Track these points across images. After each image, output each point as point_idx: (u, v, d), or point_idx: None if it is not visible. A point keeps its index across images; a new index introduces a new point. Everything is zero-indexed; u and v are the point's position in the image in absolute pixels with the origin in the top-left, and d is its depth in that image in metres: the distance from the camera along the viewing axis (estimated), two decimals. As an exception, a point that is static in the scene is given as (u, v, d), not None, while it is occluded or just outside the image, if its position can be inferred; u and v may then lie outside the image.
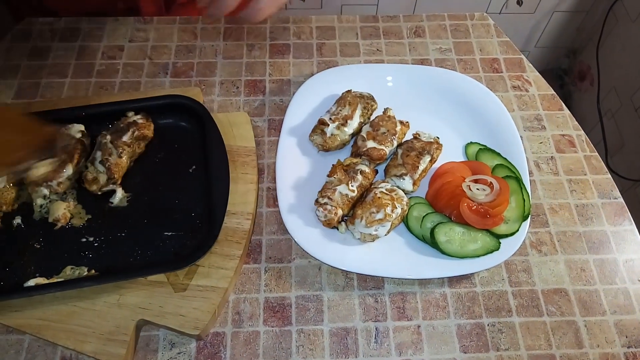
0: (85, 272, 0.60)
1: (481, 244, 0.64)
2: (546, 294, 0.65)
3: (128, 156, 0.67)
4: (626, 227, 0.70)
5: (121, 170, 0.66)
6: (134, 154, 0.68)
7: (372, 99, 0.76)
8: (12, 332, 0.60)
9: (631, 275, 0.66)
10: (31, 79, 0.81)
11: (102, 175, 0.65)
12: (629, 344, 0.61)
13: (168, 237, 0.63)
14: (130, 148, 0.66)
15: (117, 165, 0.65)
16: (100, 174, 0.65)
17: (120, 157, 0.65)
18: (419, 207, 0.67)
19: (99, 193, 0.65)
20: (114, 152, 0.65)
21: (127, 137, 0.66)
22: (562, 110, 0.81)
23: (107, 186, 0.65)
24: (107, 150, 0.65)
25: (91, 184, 0.65)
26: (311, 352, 0.60)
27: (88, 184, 0.65)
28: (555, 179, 0.74)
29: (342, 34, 0.89)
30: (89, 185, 0.65)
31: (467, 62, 0.86)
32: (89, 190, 0.66)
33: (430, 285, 0.65)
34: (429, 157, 0.70)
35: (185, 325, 0.58)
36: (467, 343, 0.61)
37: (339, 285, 0.65)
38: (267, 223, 0.69)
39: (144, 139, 0.69)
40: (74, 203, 0.65)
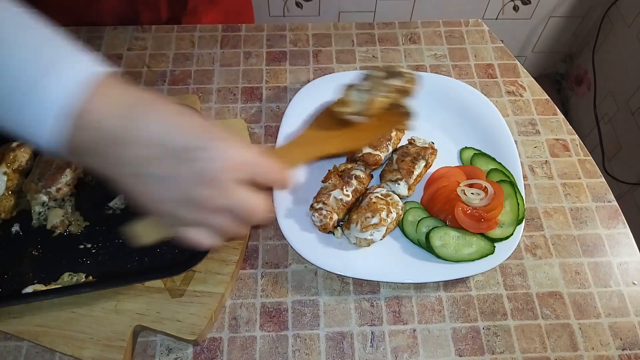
0: (83, 279, 0.61)
1: (476, 248, 0.64)
2: (541, 297, 0.65)
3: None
4: (620, 230, 0.71)
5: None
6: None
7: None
8: (10, 339, 0.61)
9: (625, 278, 0.67)
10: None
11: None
12: (623, 347, 0.62)
13: (165, 243, 0.64)
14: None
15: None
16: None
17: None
18: (414, 212, 0.68)
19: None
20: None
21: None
22: (556, 115, 0.82)
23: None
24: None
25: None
26: (307, 356, 0.60)
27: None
28: (550, 182, 0.75)
29: (338, 41, 0.90)
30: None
31: (461, 68, 0.87)
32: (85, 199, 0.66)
33: (426, 289, 0.65)
34: (424, 162, 0.71)
35: (182, 330, 0.58)
36: (462, 346, 0.61)
37: (335, 289, 0.65)
38: (264, 229, 0.70)
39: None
40: (72, 210, 0.66)
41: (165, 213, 0.45)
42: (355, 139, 0.64)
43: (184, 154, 0.43)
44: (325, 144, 0.62)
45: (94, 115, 0.41)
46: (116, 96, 0.43)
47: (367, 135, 0.65)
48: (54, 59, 0.41)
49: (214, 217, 0.45)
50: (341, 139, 0.63)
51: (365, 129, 0.63)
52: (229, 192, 0.44)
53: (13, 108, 0.41)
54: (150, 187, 0.44)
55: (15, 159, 0.67)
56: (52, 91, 0.40)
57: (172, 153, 0.42)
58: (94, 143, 0.42)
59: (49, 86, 0.40)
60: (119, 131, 0.42)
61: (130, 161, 0.42)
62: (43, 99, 0.40)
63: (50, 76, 0.40)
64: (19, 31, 0.42)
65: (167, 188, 0.43)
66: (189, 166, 0.43)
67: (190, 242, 0.47)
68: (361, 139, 0.65)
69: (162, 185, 0.43)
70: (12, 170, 0.66)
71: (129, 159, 0.42)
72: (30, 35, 0.42)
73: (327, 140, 0.62)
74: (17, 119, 0.42)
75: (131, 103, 0.43)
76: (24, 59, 0.41)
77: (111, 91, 0.42)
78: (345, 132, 0.63)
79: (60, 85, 0.40)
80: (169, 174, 0.43)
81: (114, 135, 0.42)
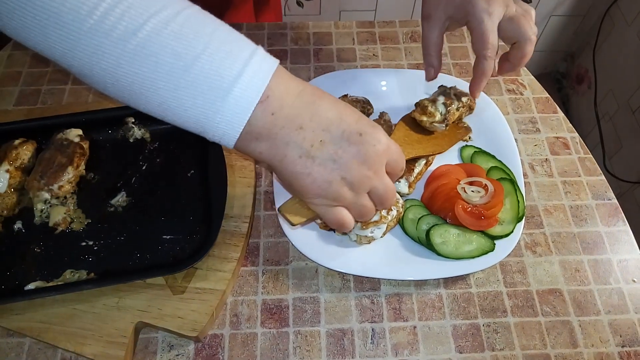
0: (85, 276, 0.61)
1: (476, 245, 0.65)
2: (541, 295, 0.65)
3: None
4: (620, 227, 0.71)
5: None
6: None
7: (369, 103, 0.77)
8: (12, 335, 0.61)
9: (625, 275, 0.67)
10: (32, 86, 0.83)
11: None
12: (623, 343, 0.62)
13: (166, 240, 0.64)
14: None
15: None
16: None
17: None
18: (415, 210, 0.68)
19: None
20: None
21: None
22: (557, 113, 0.82)
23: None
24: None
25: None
26: (308, 353, 0.61)
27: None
28: (550, 180, 0.75)
29: (339, 40, 0.91)
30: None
31: (462, 67, 0.87)
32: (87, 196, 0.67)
33: (426, 287, 0.66)
34: (425, 160, 0.71)
35: (184, 327, 0.58)
36: (462, 343, 0.62)
37: (336, 287, 0.65)
38: (265, 226, 0.70)
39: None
40: (74, 208, 0.66)
41: (325, 193, 0.49)
42: (437, 145, 0.72)
43: (351, 138, 0.48)
44: (413, 147, 0.69)
45: (275, 100, 0.45)
46: (290, 83, 0.47)
47: (444, 142, 0.73)
48: (251, 51, 0.45)
49: (364, 197, 0.51)
50: (425, 144, 0.71)
51: (440, 136, 0.72)
52: (381, 174, 0.51)
53: (209, 96, 0.44)
54: (316, 168, 0.48)
55: (18, 156, 0.67)
56: (254, 80, 0.44)
57: (340, 137, 0.48)
58: (269, 126, 0.46)
59: (253, 76, 0.44)
60: (292, 115, 0.46)
61: (301, 143, 0.47)
62: (247, 88, 0.44)
63: (253, 66, 0.44)
64: (215, 27, 0.45)
65: (331, 169, 0.48)
66: (354, 149, 0.48)
67: (334, 221, 0.52)
68: (441, 145, 0.72)
69: (327, 166, 0.48)
70: (15, 168, 0.67)
71: (299, 141, 0.47)
72: (225, 29, 0.45)
73: (413, 144, 0.69)
74: (208, 108, 0.44)
75: (301, 91, 0.48)
76: (227, 53, 0.44)
77: (286, 79, 0.47)
78: (427, 138, 0.71)
79: (260, 74, 0.45)
80: (335, 155, 0.48)
81: (288, 119, 0.46)
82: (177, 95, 0.44)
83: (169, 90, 0.44)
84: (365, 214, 0.53)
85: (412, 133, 0.71)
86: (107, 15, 0.41)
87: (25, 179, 0.67)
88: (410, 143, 0.69)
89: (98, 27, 0.41)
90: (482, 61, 0.64)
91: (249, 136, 0.46)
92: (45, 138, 0.70)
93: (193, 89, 0.44)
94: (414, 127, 0.72)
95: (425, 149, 0.70)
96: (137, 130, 0.73)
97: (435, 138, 0.72)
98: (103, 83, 0.45)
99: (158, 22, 0.42)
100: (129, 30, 0.42)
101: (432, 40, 0.69)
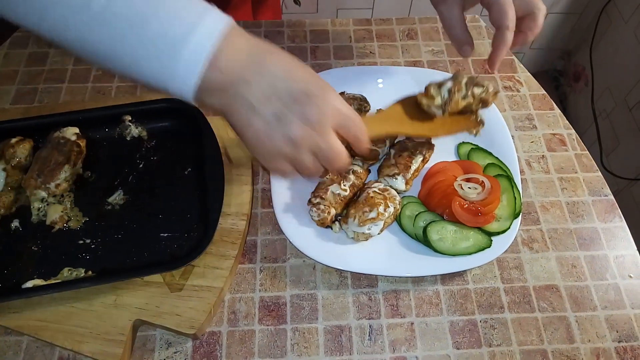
0: (82, 274, 0.61)
1: (473, 242, 0.65)
2: (538, 290, 0.65)
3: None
4: (616, 223, 0.71)
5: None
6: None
7: (365, 100, 0.77)
8: (10, 334, 0.61)
9: (621, 271, 0.67)
10: (29, 84, 0.83)
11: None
12: (619, 339, 0.62)
13: (164, 238, 0.64)
14: None
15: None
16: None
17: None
18: (412, 206, 0.68)
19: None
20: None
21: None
22: (553, 110, 0.83)
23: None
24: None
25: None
26: (306, 349, 0.61)
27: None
28: (546, 177, 0.75)
29: (336, 37, 0.91)
30: None
31: (459, 64, 0.88)
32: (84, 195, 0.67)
33: (423, 283, 0.66)
34: (421, 157, 0.71)
35: (182, 324, 0.59)
36: (460, 339, 0.62)
37: (333, 283, 0.65)
38: (262, 223, 0.70)
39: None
40: (71, 206, 0.66)
41: (265, 145, 0.51)
42: (430, 129, 0.69)
43: (296, 97, 0.49)
44: (405, 124, 0.67)
45: (223, 60, 0.47)
46: (241, 42, 0.49)
47: (440, 128, 0.70)
48: (199, 13, 0.47)
49: (305, 154, 0.52)
50: (418, 125, 0.68)
51: (440, 123, 0.69)
52: (325, 135, 0.51)
53: (163, 57, 0.47)
54: (259, 122, 0.50)
55: (15, 155, 0.67)
56: (202, 41, 0.46)
57: (286, 94, 0.49)
58: (220, 82, 0.49)
59: (201, 37, 0.46)
60: (241, 72, 0.49)
61: (248, 98, 0.49)
62: (196, 49, 0.46)
63: (201, 28, 0.46)
64: None
65: (274, 124, 0.50)
66: (298, 108, 0.49)
67: (273, 171, 0.55)
68: (434, 130, 0.70)
69: (270, 121, 0.50)
70: (12, 166, 0.67)
71: (247, 96, 0.49)
72: None
73: (407, 121, 0.68)
74: (164, 67, 0.47)
75: (253, 49, 0.50)
76: (175, 14, 0.46)
77: (237, 38, 0.49)
78: (423, 121, 0.69)
79: (208, 36, 0.47)
80: (279, 112, 0.49)
81: (238, 76, 0.49)
82: (134, 59, 0.48)
83: (127, 55, 0.47)
84: (306, 171, 0.54)
85: (410, 112, 0.69)
86: None
87: (23, 177, 0.67)
88: (400, 119, 0.67)
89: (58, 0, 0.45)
90: (504, 32, 0.64)
91: (204, 92, 0.49)
92: (42, 136, 0.70)
93: (147, 52, 0.47)
94: (415, 107, 0.69)
95: (414, 129, 0.68)
96: (134, 129, 0.73)
97: (434, 123, 0.69)
98: (74, 51, 0.49)
99: None
100: (85, 2, 0.45)
101: (454, 19, 0.70)
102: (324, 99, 0.50)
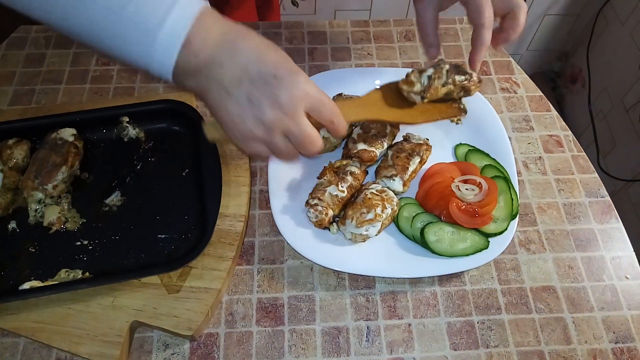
0: (79, 275, 0.61)
1: (470, 243, 0.65)
2: (535, 292, 0.66)
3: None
4: (613, 224, 0.72)
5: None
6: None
7: (363, 102, 0.77)
8: (7, 335, 0.61)
9: (618, 272, 0.68)
10: (26, 85, 0.82)
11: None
12: (616, 340, 0.62)
13: (161, 239, 0.64)
14: None
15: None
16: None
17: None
18: (409, 208, 0.68)
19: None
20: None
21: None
22: (550, 111, 0.83)
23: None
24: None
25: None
26: (303, 351, 0.61)
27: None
28: (543, 178, 0.76)
29: (333, 39, 0.91)
30: None
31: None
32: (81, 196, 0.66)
33: (421, 284, 0.66)
34: (419, 159, 0.71)
35: (179, 326, 0.59)
36: (457, 340, 0.62)
37: (331, 285, 0.66)
38: (260, 225, 0.70)
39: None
40: (68, 207, 0.66)
41: (238, 127, 0.52)
42: (410, 115, 0.69)
43: (267, 79, 0.50)
44: (383, 110, 0.67)
45: (196, 43, 0.49)
46: (214, 26, 0.50)
47: (420, 115, 0.70)
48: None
49: (277, 137, 0.53)
50: (397, 112, 0.68)
51: (420, 110, 0.69)
52: (296, 118, 0.52)
53: (140, 41, 0.48)
54: (232, 104, 0.51)
55: (12, 156, 0.67)
56: (176, 26, 0.48)
57: (257, 77, 0.50)
58: (195, 65, 0.50)
59: (174, 22, 0.48)
60: (214, 55, 0.50)
61: (221, 80, 0.50)
62: (170, 34, 0.48)
63: (174, 13, 0.47)
64: None
65: (246, 107, 0.51)
66: (268, 90, 0.50)
67: (248, 152, 0.56)
68: (414, 117, 0.70)
69: (242, 103, 0.50)
70: (9, 167, 0.67)
71: (220, 78, 0.50)
72: None
73: (385, 108, 0.68)
74: (142, 51, 0.49)
75: (225, 32, 0.50)
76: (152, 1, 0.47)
77: (210, 22, 0.50)
78: (403, 107, 0.69)
79: (182, 20, 0.48)
80: (250, 95, 0.50)
81: (210, 58, 0.50)
82: (115, 42, 0.49)
83: (108, 38, 0.49)
84: (279, 154, 0.55)
85: (389, 98, 0.69)
86: None
87: (20, 178, 0.67)
88: (379, 105, 0.67)
89: None
90: (481, 31, 0.65)
91: (181, 74, 0.50)
92: (40, 137, 0.70)
93: (125, 36, 0.48)
94: (396, 94, 0.69)
95: (392, 115, 0.68)
96: (131, 130, 0.73)
97: (414, 110, 0.69)
98: (62, 32, 0.50)
99: None
100: None
101: (427, 19, 0.70)
102: (293, 82, 0.51)
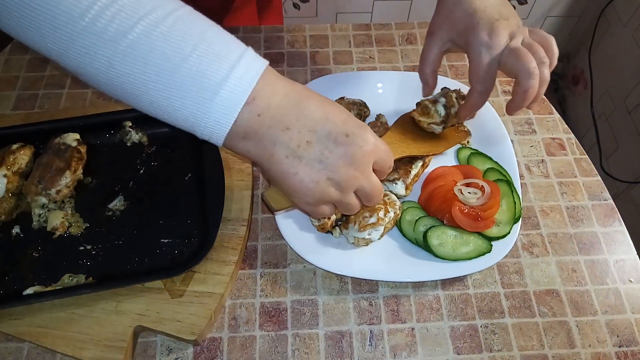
0: (83, 280, 0.61)
1: (473, 247, 0.65)
2: (538, 295, 0.66)
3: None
4: (616, 228, 0.71)
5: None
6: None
7: (365, 105, 0.77)
8: (11, 340, 0.61)
9: (622, 275, 0.67)
10: (29, 90, 0.83)
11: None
12: (620, 343, 0.62)
13: (164, 244, 0.64)
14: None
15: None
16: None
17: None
18: (412, 211, 0.68)
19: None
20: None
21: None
22: (552, 114, 0.83)
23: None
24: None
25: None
26: (307, 355, 0.61)
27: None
28: (546, 181, 0.75)
29: (335, 42, 0.91)
30: None
31: (458, 68, 0.88)
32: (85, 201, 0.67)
33: (424, 288, 0.66)
34: (421, 162, 0.71)
35: (182, 330, 0.59)
36: (460, 344, 0.62)
37: (334, 289, 0.66)
38: (263, 229, 0.70)
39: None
40: (72, 212, 0.67)
41: (312, 192, 0.50)
42: (432, 146, 0.72)
43: (337, 139, 0.48)
44: (407, 146, 0.70)
45: (261, 101, 0.46)
46: (277, 84, 0.48)
47: (442, 144, 0.73)
48: (238, 52, 0.46)
49: (351, 196, 0.52)
50: (420, 144, 0.71)
51: (439, 138, 0.73)
52: (368, 174, 0.51)
53: (197, 98, 0.45)
54: (303, 168, 0.49)
55: (15, 161, 0.67)
56: (241, 82, 0.45)
57: (326, 137, 0.48)
58: (255, 126, 0.47)
59: (240, 77, 0.45)
60: (278, 116, 0.47)
61: (288, 143, 0.48)
62: (234, 90, 0.45)
63: (240, 68, 0.45)
64: (205, 29, 0.46)
65: (318, 169, 0.49)
66: (342, 150, 0.49)
67: (318, 216, 0.55)
68: (437, 147, 0.72)
69: (314, 167, 0.48)
70: (12, 172, 0.67)
71: (286, 142, 0.48)
72: (214, 30, 0.46)
73: (409, 143, 0.70)
74: (196, 108, 0.45)
75: (288, 92, 0.48)
76: (215, 55, 0.45)
77: (274, 80, 0.48)
78: (424, 139, 0.72)
79: (248, 75, 0.46)
80: (322, 156, 0.48)
81: (275, 121, 0.47)
82: (166, 95, 0.45)
83: (158, 91, 0.45)
84: (351, 211, 0.55)
85: (408, 132, 0.71)
86: (99, 17, 0.42)
87: (23, 183, 0.67)
88: (405, 142, 0.70)
89: (90, 29, 0.42)
90: (472, 93, 0.64)
91: (237, 136, 0.47)
92: (43, 142, 0.70)
93: (181, 90, 0.45)
94: (412, 126, 0.72)
95: (420, 148, 0.70)
96: (134, 134, 0.73)
97: (432, 139, 0.73)
98: (97, 82, 0.46)
99: (148, 24, 0.43)
100: (120, 32, 0.43)
101: (429, 57, 0.69)
102: (364, 138, 0.49)
